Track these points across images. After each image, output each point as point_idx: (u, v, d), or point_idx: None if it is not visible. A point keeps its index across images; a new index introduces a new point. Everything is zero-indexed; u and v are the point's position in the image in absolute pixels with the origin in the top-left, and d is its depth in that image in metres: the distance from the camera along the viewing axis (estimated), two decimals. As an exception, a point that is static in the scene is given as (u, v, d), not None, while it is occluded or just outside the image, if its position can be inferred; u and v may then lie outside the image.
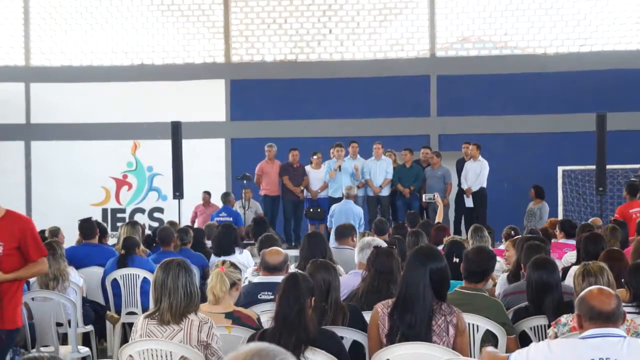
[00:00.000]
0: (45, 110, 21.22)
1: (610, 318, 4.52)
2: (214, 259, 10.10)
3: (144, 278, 9.47)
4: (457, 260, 7.16)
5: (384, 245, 7.24)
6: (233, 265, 6.19)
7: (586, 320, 4.57)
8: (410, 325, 5.28)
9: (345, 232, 10.22)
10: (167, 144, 17.40)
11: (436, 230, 11.55)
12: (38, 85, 21.39)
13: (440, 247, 8.00)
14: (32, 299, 8.43)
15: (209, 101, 21.08)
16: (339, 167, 16.35)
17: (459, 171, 17.14)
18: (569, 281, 7.00)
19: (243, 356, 2.49)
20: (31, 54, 21.59)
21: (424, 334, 5.26)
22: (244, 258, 10.57)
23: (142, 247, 10.67)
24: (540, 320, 6.20)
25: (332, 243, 10.64)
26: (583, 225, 11.10)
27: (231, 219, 15.42)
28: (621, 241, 9.94)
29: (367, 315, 5.81)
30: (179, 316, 5.45)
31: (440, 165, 16.87)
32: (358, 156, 16.83)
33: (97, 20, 21.54)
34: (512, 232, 11.21)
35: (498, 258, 8.69)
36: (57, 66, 21.49)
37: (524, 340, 6.15)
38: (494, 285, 7.92)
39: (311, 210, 16.56)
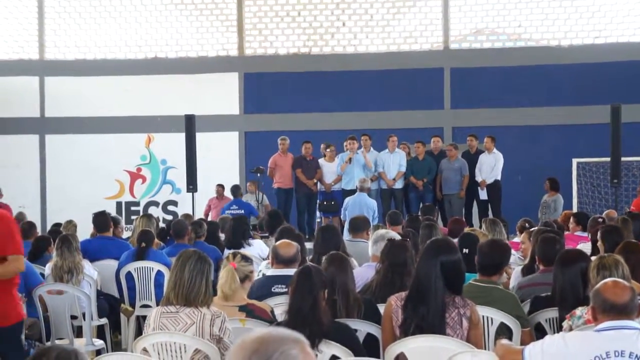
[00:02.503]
0: (60, 103, 21.28)
1: (623, 310, 4.50)
2: (226, 252, 10.11)
3: (158, 271, 9.49)
4: (467, 251, 7.15)
5: (398, 237, 7.22)
6: (244, 258, 6.18)
7: (600, 313, 4.56)
8: (424, 317, 5.28)
9: (360, 226, 10.17)
10: (180, 137, 17.45)
11: (452, 222, 11.54)
12: (52, 79, 21.44)
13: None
14: (47, 292, 8.45)
15: (222, 94, 21.10)
16: (350, 159, 16.30)
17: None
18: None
19: (242, 353, 2.45)
20: (45, 48, 21.64)
21: (437, 326, 5.26)
22: (257, 248, 10.62)
23: (156, 239, 10.69)
24: (555, 313, 6.17)
25: (346, 236, 10.63)
26: (594, 218, 11.05)
27: (243, 211, 15.42)
28: (635, 233, 9.89)
29: (381, 308, 5.80)
30: (183, 299, 5.47)
31: (457, 158, 16.80)
32: (371, 149, 16.78)
33: (111, 13, 21.58)
34: (527, 224, 11.18)
35: (513, 251, 8.67)
36: (71, 60, 21.54)
37: (540, 332, 6.15)
38: (508, 278, 7.89)
39: (325, 203, 16.53)
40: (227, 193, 17.93)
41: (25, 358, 5.53)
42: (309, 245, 10.33)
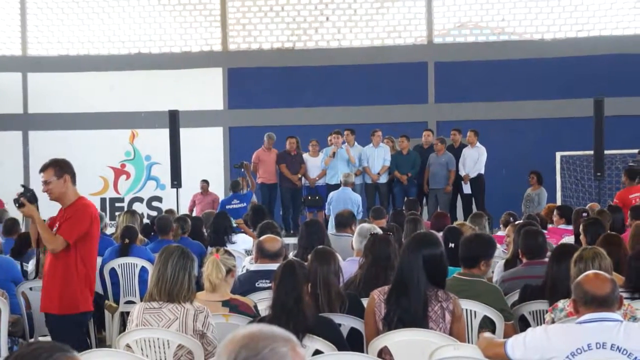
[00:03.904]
0: (43, 100, 21.20)
1: (604, 302, 4.53)
2: (210, 249, 10.12)
3: (142, 267, 9.48)
4: (453, 245, 7.17)
5: (381, 232, 7.23)
6: (227, 252, 6.21)
7: (581, 305, 4.58)
8: (406, 309, 5.29)
9: (345, 221, 10.19)
10: (164, 133, 17.39)
11: (435, 217, 11.57)
12: (35, 75, 21.36)
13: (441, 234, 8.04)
14: (30, 288, 8.43)
15: (206, 90, 21.06)
16: (334, 153, 16.29)
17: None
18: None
19: (232, 347, 2.47)
20: (28, 44, 21.55)
21: (419, 318, 5.28)
22: (240, 243, 10.65)
23: (140, 236, 10.68)
24: (539, 305, 6.20)
25: (331, 230, 10.64)
26: (578, 210, 11.10)
27: (245, 204, 15.33)
28: (616, 226, 9.94)
29: (365, 302, 5.81)
30: (166, 295, 5.48)
31: (444, 152, 16.78)
32: (355, 143, 16.77)
33: (94, 9, 21.51)
34: (511, 218, 11.22)
35: (498, 246, 8.70)
36: (54, 56, 21.46)
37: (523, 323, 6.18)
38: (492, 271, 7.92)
39: (309, 197, 16.51)
40: (212, 188, 17.92)
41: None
42: (293, 240, 10.35)
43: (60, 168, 6.70)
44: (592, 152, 16.83)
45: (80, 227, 6.63)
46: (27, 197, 6.63)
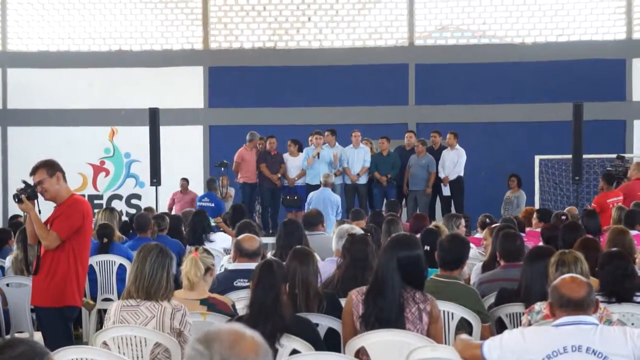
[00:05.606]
0: (22, 95, 21.07)
1: (579, 306, 4.55)
2: (189, 248, 10.10)
3: (120, 265, 9.46)
4: (428, 248, 7.18)
5: (360, 232, 7.24)
6: (206, 250, 6.22)
7: (557, 308, 4.60)
8: (382, 309, 5.32)
9: (314, 221, 10.21)
10: (144, 131, 17.33)
11: (414, 218, 11.58)
12: (15, 71, 21.23)
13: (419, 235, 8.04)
14: (7, 284, 8.40)
15: (187, 88, 21.00)
16: (317, 154, 16.29)
17: None
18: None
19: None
20: (8, 39, 21.42)
21: (394, 318, 5.29)
22: (219, 242, 10.64)
23: (118, 233, 10.65)
24: (516, 308, 6.23)
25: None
26: (557, 214, 11.15)
27: (213, 205, 15.39)
28: (594, 230, 9.99)
29: (342, 302, 5.82)
30: (144, 293, 5.48)
31: (425, 154, 16.80)
32: (336, 144, 16.76)
33: (75, 5, 21.40)
34: (487, 220, 11.23)
35: (473, 246, 8.72)
36: (34, 51, 21.35)
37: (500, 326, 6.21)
38: (469, 273, 7.94)
39: (288, 197, 16.52)
40: (192, 187, 17.89)
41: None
42: (272, 240, 10.33)
43: (50, 167, 6.76)
44: (570, 156, 16.91)
45: (72, 223, 6.71)
46: (26, 194, 6.65)
